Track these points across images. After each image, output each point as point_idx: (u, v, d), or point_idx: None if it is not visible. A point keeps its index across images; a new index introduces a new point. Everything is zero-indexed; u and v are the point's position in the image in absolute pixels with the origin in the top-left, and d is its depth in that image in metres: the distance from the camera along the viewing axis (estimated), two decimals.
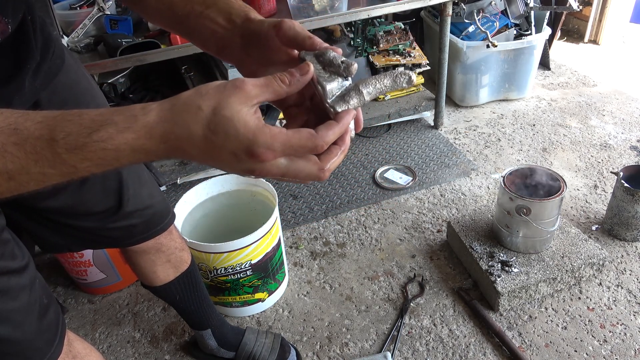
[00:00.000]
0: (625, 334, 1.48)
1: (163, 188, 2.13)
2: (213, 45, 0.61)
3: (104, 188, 0.90)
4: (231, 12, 0.58)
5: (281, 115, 2.01)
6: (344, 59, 0.52)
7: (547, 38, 2.69)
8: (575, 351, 1.44)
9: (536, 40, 2.50)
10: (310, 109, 0.57)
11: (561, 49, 3.30)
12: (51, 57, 0.77)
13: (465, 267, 1.72)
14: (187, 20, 0.61)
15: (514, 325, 1.52)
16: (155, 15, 0.65)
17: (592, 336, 1.48)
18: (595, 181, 2.12)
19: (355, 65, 0.51)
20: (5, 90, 0.68)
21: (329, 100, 0.50)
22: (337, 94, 0.50)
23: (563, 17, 3.02)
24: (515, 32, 2.55)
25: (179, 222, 1.52)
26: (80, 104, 0.84)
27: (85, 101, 0.85)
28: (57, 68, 0.79)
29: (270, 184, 1.58)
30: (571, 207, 1.98)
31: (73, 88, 0.83)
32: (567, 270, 1.57)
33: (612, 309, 1.55)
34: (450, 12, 2.19)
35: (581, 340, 1.47)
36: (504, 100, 2.76)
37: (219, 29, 0.59)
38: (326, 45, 0.54)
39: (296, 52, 0.57)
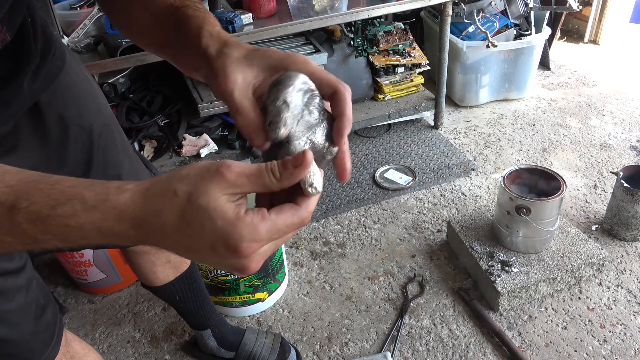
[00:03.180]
0: (625, 334, 1.47)
1: None
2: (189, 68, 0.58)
3: None
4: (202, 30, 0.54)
5: None
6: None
7: (547, 38, 2.69)
8: (575, 351, 1.44)
9: (536, 40, 2.50)
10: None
11: (561, 49, 3.30)
12: (52, 58, 0.76)
13: (465, 267, 1.72)
14: (168, 41, 0.58)
15: (514, 325, 1.52)
16: (138, 38, 0.63)
17: (592, 336, 1.48)
18: (595, 181, 2.12)
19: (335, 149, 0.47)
20: (3, 92, 0.67)
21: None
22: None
23: (563, 17, 3.02)
24: (515, 32, 2.54)
25: None
26: (81, 106, 0.83)
27: (85, 102, 0.85)
28: (57, 69, 0.78)
29: None
30: (571, 207, 1.98)
31: (73, 89, 0.82)
32: (567, 270, 1.57)
33: (612, 309, 1.55)
34: (450, 12, 2.19)
35: (581, 340, 1.47)
36: (504, 100, 2.76)
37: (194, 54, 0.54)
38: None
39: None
